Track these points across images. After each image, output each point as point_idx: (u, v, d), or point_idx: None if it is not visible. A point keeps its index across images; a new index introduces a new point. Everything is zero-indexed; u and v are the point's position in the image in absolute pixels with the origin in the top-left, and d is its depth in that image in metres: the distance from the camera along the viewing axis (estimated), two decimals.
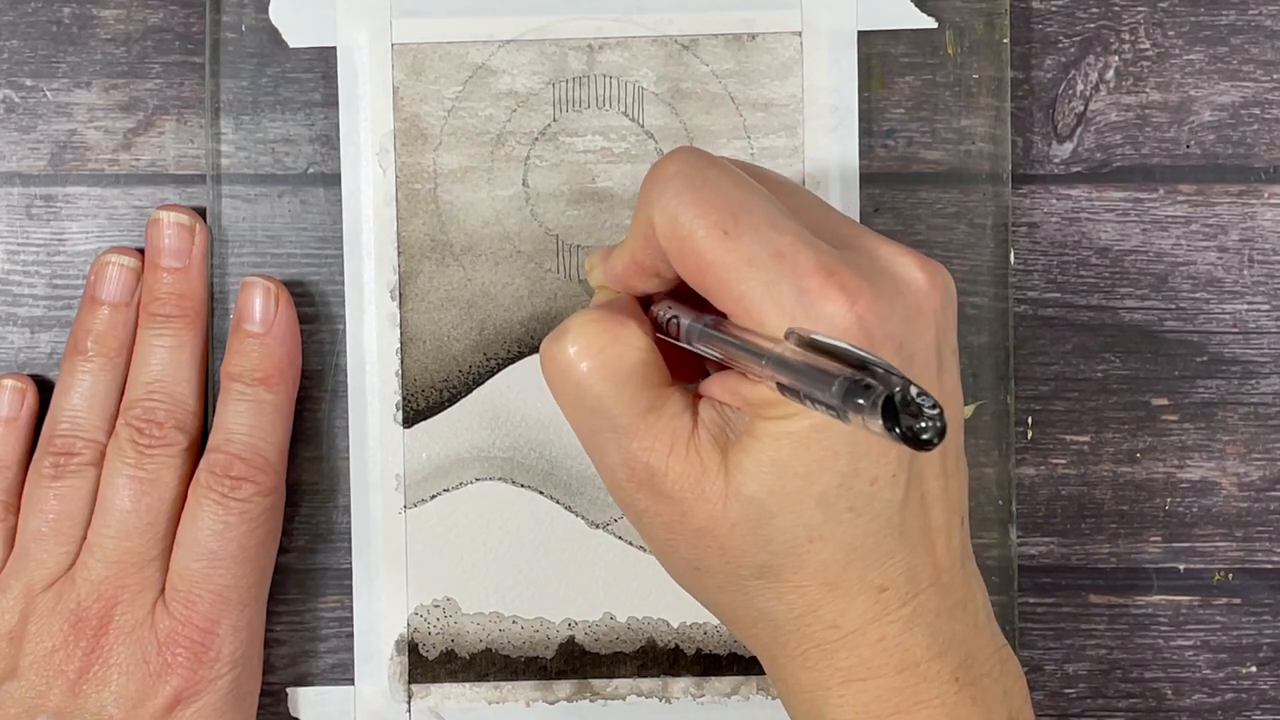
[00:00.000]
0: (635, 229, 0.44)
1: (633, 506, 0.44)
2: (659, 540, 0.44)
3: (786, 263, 0.41)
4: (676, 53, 0.52)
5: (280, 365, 0.51)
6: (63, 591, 0.50)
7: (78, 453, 0.51)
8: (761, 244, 0.41)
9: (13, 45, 0.53)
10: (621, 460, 0.43)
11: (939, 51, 0.53)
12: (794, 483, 0.41)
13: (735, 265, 0.41)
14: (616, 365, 0.43)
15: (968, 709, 0.43)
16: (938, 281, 0.43)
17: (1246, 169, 0.53)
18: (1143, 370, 0.54)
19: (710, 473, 0.42)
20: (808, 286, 0.40)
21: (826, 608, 0.43)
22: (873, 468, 0.42)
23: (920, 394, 0.33)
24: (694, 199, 0.42)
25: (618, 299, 0.46)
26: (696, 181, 0.42)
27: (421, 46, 0.52)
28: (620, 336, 0.43)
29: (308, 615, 0.53)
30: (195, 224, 0.52)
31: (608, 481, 0.44)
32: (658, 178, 0.43)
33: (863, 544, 0.42)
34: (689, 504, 0.42)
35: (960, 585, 0.44)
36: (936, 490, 0.44)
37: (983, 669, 0.44)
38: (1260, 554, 0.54)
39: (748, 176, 0.43)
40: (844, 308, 0.40)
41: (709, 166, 0.43)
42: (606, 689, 0.53)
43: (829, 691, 0.44)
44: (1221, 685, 0.54)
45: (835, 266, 0.41)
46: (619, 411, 0.43)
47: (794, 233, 0.41)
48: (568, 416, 0.44)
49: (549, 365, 0.44)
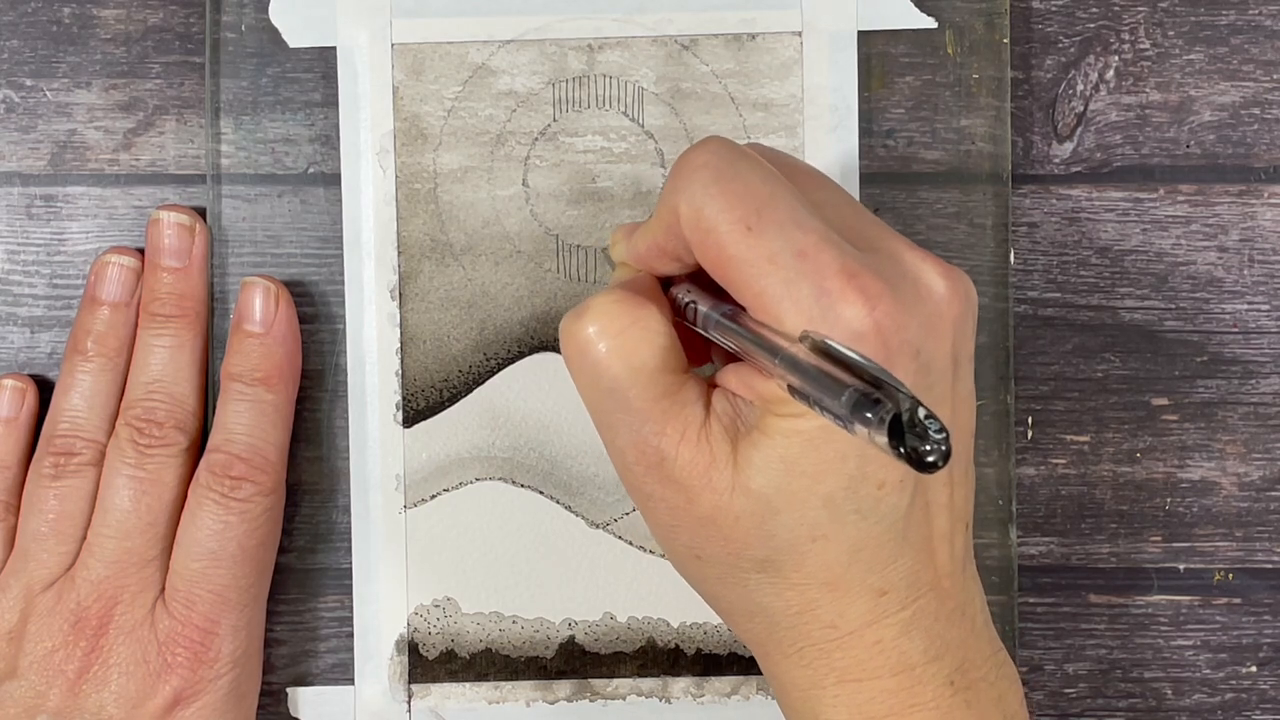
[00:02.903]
0: (660, 215, 0.43)
1: (639, 489, 0.44)
2: (663, 525, 0.44)
3: (808, 262, 0.40)
4: (676, 53, 0.52)
5: (280, 365, 0.51)
6: (63, 591, 0.50)
7: (78, 453, 0.51)
8: (784, 241, 0.41)
9: (13, 45, 0.53)
10: (632, 442, 0.43)
11: (939, 51, 0.53)
12: (801, 481, 0.41)
13: (756, 261, 0.41)
14: (635, 348, 0.43)
15: (962, 713, 0.43)
16: (959, 289, 0.43)
17: (1246, 169, 0.53)
18: (1143, 370, 0.54)
19: (719, 463, 0.42)
20: (828, 288, 0.40)
21: (825, 607, 0.43)
22: (880, 472, 0.42)
23: (928, 416, 0.33)
24: (720, 192, 0.41)
25: (639, 278, 0.45)
26: (725, 174, 0.42)
27: (421, 46, 0.52)
28: (640, 319, 0.43)
29: (308, 615, 0.53)
30: (195, 224, 0.52)
31: (617, 463, 0.44)
32: (686, 167, 0.42)
33: (865, 546, 0.42)
34: (695, 492, 0.42)
35: (960, 590, 0.44)
36: (942, 498, 0.44)
37: (979, 673, 0.44)
38: (1260, 554, 0.54)
39: (776, 171, 0.43)
40: (863, 312, 0.40)
41: (739, 159, 0.42)
42: (606, 689, 0.53)
43: (823, 691, 0.44)
44: (1221, 685, 0.54)
45: (857, 269, 0.40)
46: (634, 394, 0.43)
47: (818, 232, 0.41)
48: (582, 395, 0.44)
49: (568, 342, 0.43)
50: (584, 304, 0.43)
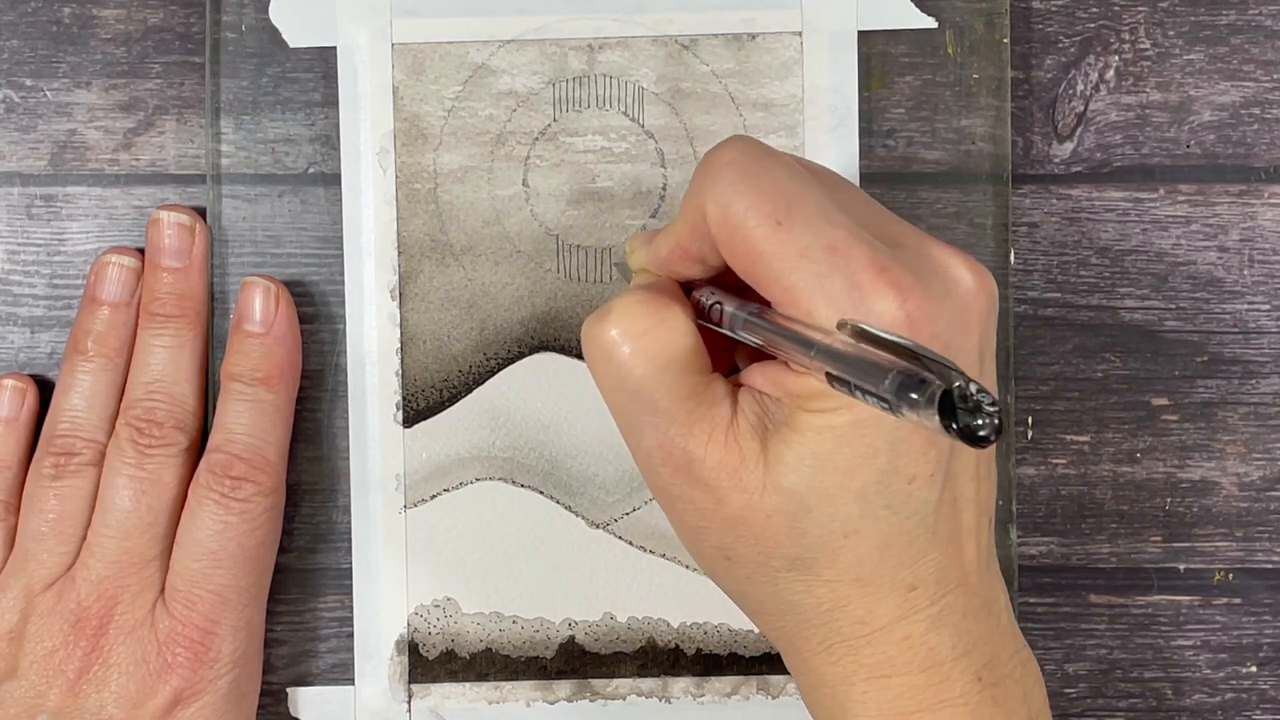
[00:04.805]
0: (685, 215, 0.43)
1: (666, 492, 0.44)
2: (690, 527, 0.44)
3: (839, 256, 0.40)
4: (676, 53, 0.52)
5: (280, 365, 0.51)
6: (63, 591, 0.50)
7: (78, 453, 0.51)
8: (815, 236, 0.41)
9: (13, 45, 0.53)
10: (658, 444, 0.43)
11: (939, 51, 0.53)
12: (834, 477, 0.41)
13: (787, 256, 0.41)
14: (659, 349, 0.43)
15: (990, 709, 0.43)
16: (985, 284, 0.43)
17: (1246, 169, 0.53)
18: (1143, 370, 0.54)
19: (749, 462, 0.42)
20: (860, 281, 0.40)
21: (855, 603, 0.43)
22: (911, 466, 0.42)
23: (980, 390, 0.33)
24: (748, 188, 0.41)
25: (660, 281, 0.45)
26: (752, 171, 0.42)
27: (421, 46, 0.52)
28: (665, 320, 0.43)
29: (308, 615, 0.53)
30: (195, 224, 0.52)
31: (642, 465, 0.44)
32: (711, 166, 0.42)
33: (896, 542, 0.42)
34: (725, 492, 0.42)
35: (985, 586, 0.44)
36: (969, 493, 0.44)
37: (1005, 670, 0.44)
38: (1260, 554, 0.54)
39: (802, 169, 0.43)
40: (894, 304, 0.40)
41: (764, 156, 0.42)
42: (606, 689, 0.53)
43: (852, 687, 0.44)
44: (1221, 685, 0.54)
45: (888, 264, 0.40)
46: (659, 396, 0.43)
47: (847, 227, 0.41)
48: (606, 398, 0.44)
49: (590, 345, 0.43)
50: (606, 306, 0.43)
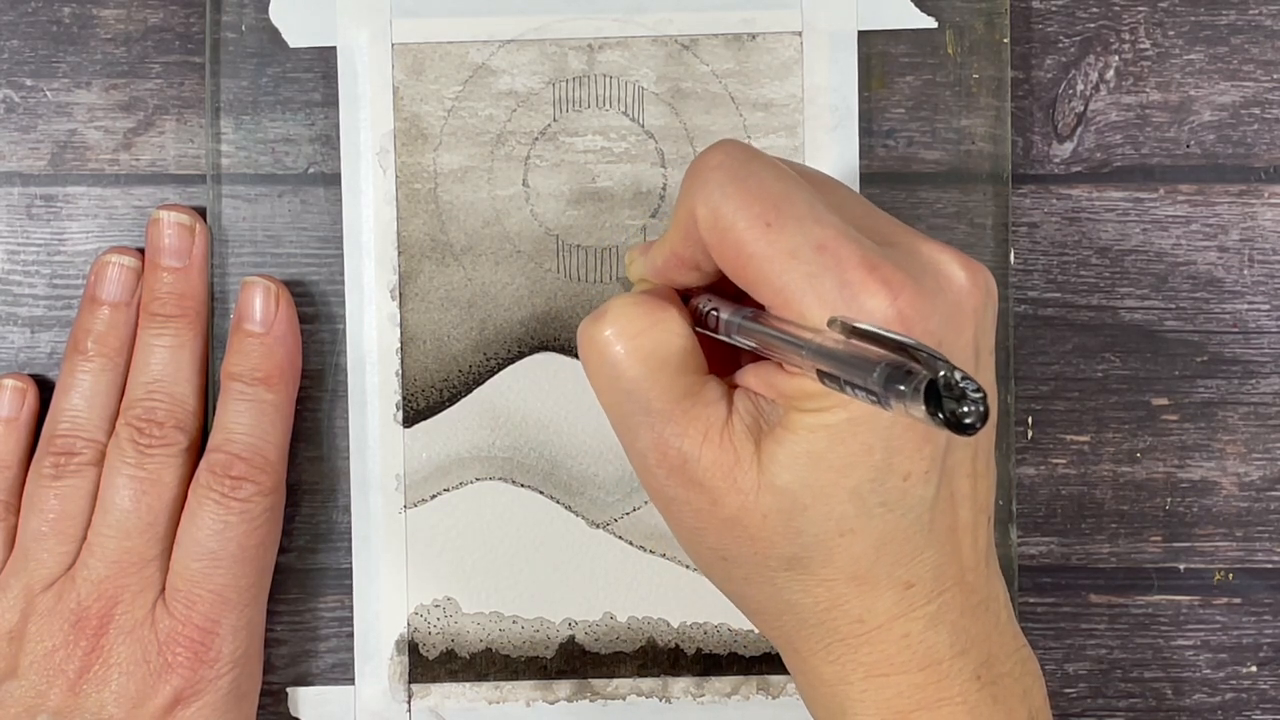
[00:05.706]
0: (676, 221, 0.43)
1: (661, 493, 0.44)
2: (686, 528, 0.44)
3: (829, 255, 0.40)
4: (676, 53, 0.52)
5: (280, 365, 0.51)
6: (63, 591, 0.50)
7: (78, 453, 0.51)
8: (804, 236, 0.41)
9: (13, 45, 0.53)
10: (653, 445, 0.43)
11: (939, 51, 0.53)
12: (828, 476, 0.41)
13: (777, 257, 0.41)
14: (654, 349, 0.43)
15: (989, 707, 0.43)
16: (979, 280, 0.43)
17: (1246, 169, 0.53)
18: (1143, 370, 0.54)
19: (743, 462, 0.42)
20: (850, 280, 0.40)
21: (853, 602, 0.43)
22: (906, 463, 0.42)
23: (964, 378, 0.33)
24: (736, 191, 0.42)
25: (657, 288, 0.45)
26: (739, 174, 0.42)
27: (421, 46, 0.52)
28: (659, 321, 0.43)
29: (308, 615, 0.53)
30: (195, 224, 0.52)
31: (637, 466, 0.44)
32: (700, 170, 0.43)
33: (892, 539, 0.42)
34: (720, 493, 0.42)
35: (984, 584, 0.44)
36: (966, 489, 0.44)
37: (1004, 668, 0.44)
38: (1260, 554, 0.54)
39: (790, 170, 0.43)
40: (885, 302, 0.40)
41: (752, 159, 0.42)
42: (606, 689, 0.53)
43: (851, 686, 0.44)
44: (1221, 685, 0.54)
45: (878, 261, 0.40)
46: (654, 396, 0.43)
47: (836, 226, 0.41)
48: (601, 399, 0.44)
49: (585, 346, 0.43)
50: (602, 307, 0.43)
